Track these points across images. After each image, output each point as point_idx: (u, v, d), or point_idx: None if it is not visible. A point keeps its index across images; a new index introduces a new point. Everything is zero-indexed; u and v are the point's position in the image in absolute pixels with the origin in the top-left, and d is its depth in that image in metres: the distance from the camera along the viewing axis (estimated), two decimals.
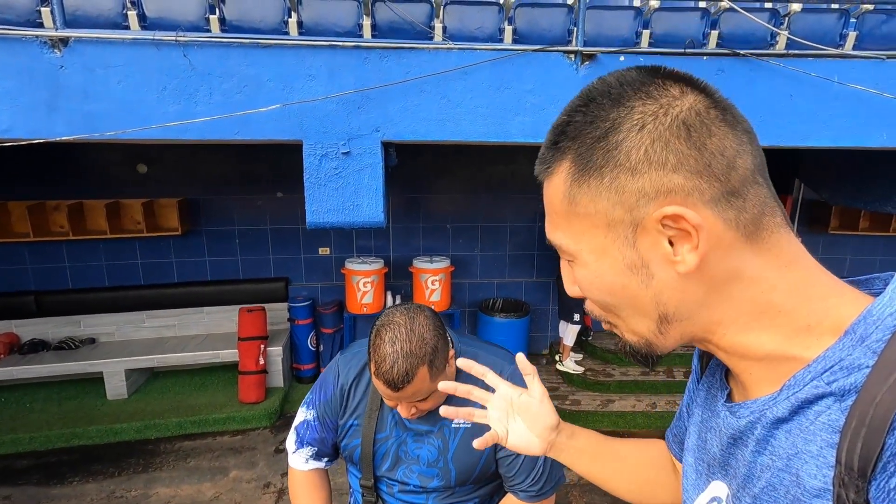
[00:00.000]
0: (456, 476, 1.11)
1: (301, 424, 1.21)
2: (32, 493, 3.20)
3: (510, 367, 1.14)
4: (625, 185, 0.44)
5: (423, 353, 0.96)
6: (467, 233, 4.79)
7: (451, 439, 1.11)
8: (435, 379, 0.98)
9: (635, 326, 0.49)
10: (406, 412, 1.04)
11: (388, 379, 0.95)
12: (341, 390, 1.17)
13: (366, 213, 2.21)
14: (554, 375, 4.57)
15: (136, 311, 4.41)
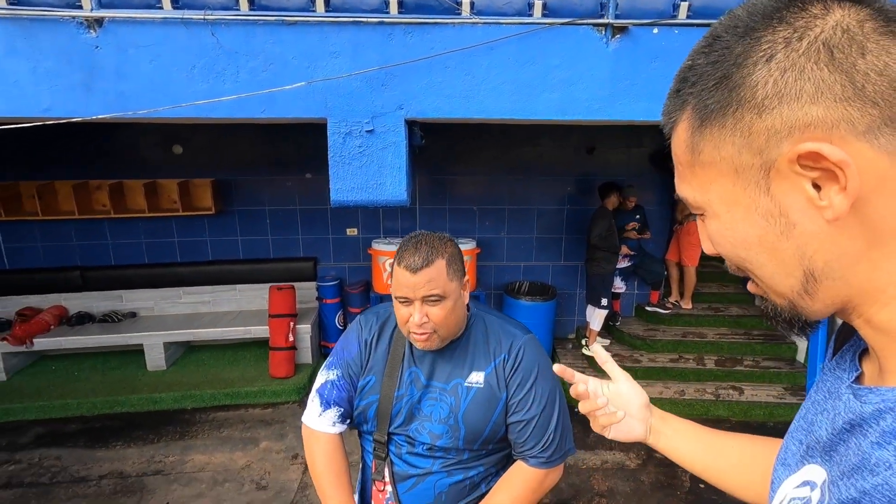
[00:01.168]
0: (465, 435, 1.12)
1: (324, 386, 1.22)
2: (80, 455, 3.41)
3: (523, 338, 1.17)
4: (751, 126, 0.39)
5: (443, 249, 1.07)
6: (494, 215, 4.75)
7: (464, 398, 1.13)
8: (451, 279, 1.07)
9: (776, 285, 0.44)
10: (418, 315, 1.06)
11: (409, 262, 1.04)
12: (365, 345, 1.21)
13: (389, 192, 2.21)
14: (579, 360, 4.53)
15: (173, 287, 4.59)
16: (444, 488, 1.16)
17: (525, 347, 1.15)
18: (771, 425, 3.79)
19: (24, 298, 4.40)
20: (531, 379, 1.13)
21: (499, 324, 1.20)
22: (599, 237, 4.10)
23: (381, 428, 1.17)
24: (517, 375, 1.13)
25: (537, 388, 1.13)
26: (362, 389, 1.19)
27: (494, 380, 1.13)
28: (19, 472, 3.25)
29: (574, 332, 5.03)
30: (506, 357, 1.14)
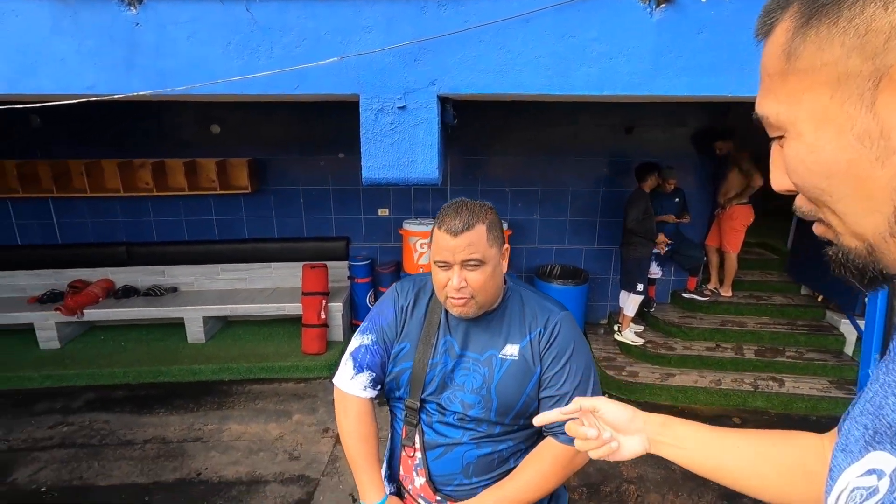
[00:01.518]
0: (497, 407, 1.12)
1: (357, 350, 1.23)
2: (126, 420, 3.61)
3: (560, 314, 1.16)
4: (871, 21, 0.33)
5: (483, 215, 1.08)
6: (526, 197, 4.67)
7: (497, 369, 1.13)
8: (491, 245, 1.08)
9: (857, 223, 0.38)
10: (457, 280, 1.06)
11: (449, 225, 1.05)
12: (401, 311, 1.22)
13: (420, 170, 2.19)
14: (611, 345, 4.45)
15: (212, 264, 4.75)
16: (472, 459, 1.15)
17: (562, 323, 1.14)
18: (813, 419, 3.64)
19: (75, 271, 4.63)
20: (566, 355, 1.12)
21: (535, 299, 1.20)
22: (636, 221, 3.97)
23: (414, 394, 1.17)
24: (552, 350, 1.12)
25: (572, 364, 1.12)
26: (396, 356, 1.20)
27: (529, 353, 1.13)
28: (72, 433, 3.46)
29: (606, 317, 4.93)
30: (541, 331, 1.13)
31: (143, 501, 2.84)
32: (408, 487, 1.23)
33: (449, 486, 1.17)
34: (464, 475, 1.16)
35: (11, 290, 4.63)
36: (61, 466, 3.13)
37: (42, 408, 3.75)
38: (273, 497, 2.87)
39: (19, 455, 3.24)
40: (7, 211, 4.50)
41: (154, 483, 2.99)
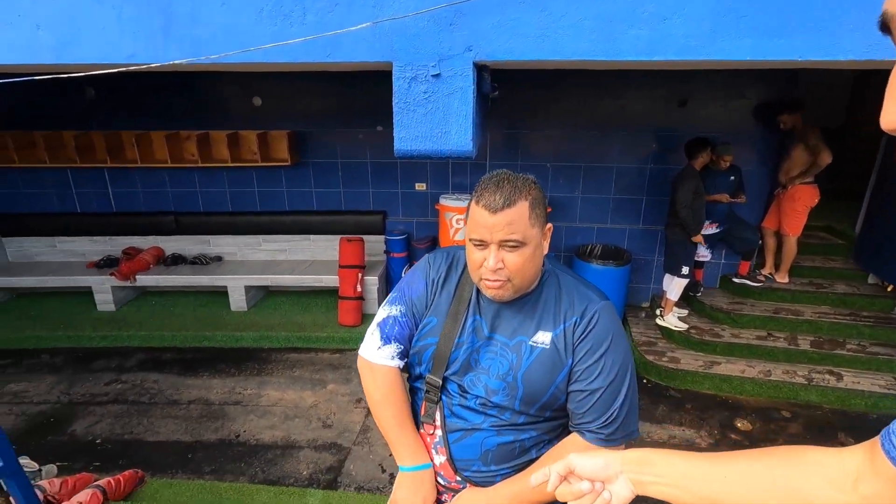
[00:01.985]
0: (522, 396, 1.05)
1: (385, 321, 1.18)
2: (174, 380, 3.80)
3: (599, 303, 1.06)
4: None
5: (526, 191, 0.99)
6: (568, 173, 4.49)
7: (526, 356, 1.05)
8: (533, 225, 0.99)
9: None
10: (493, 260, 0.99)
11: (489, 201, 0.97)
12: (432, 284, 1.17)
13: (455, 141, 2.11)
14: (652, 330, 4.28)
15: (254, 235, 4.87)
16: (491, 447, 1.10)
17: (600, 314, 1.05)
18: (873, 417, 3.38)
19: (128, 239, 4.87)
20: (602, 348, 1.03)
21: (574, 284, 1.10)
22: (684, 200, 3.74)
23: (437, 371, 1.12)
24: (587, 342, 1.04)
25: (607, 358, 1.03)
26: (422, 329, 1.15)
27: (562, 343, 1.05)
28: (125, 391, 3.68)
29: (649, 300, 4.74)
30: (577, 321, 1.04)
31: (186, 458, 3.00)
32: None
33: (467, 471, 1.13)
34: (482, 462, 1.11)
35: (72, 255, 4.93)
36: (115, 421, 3.35)
37: (99, 366, 4.00)
38: (306, 462, 2.96)
39: (78, 408, 3.49)
40: (67, 180, 4.75)
41: (196, 442, 3.14)
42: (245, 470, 2.90)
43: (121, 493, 2.47)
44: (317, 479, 2.83)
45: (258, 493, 2.59)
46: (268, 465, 2.93)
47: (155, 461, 2.96)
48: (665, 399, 3.57)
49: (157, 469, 2.89)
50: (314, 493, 2.59)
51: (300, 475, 2.86)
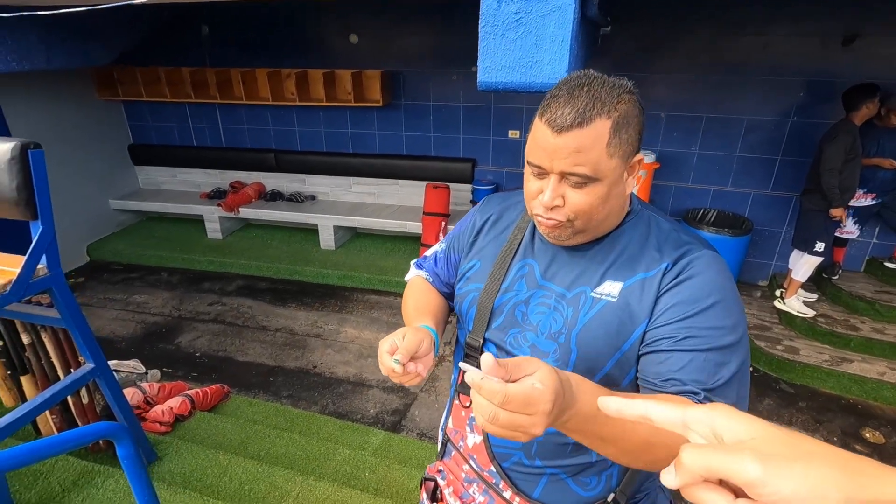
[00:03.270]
0: (576, 361, 0.80)
1: (431, 254, 1.09)
2: (265, 308, 4.06)
3: (700, 251, 0.79)
4: None
5: (612, 104, 0.72)
6: (685, 124, 3.90)
7: (585, 310, 0.81)
8: (612, 155, 0.73)
9: None
10: (551, 194, 0.75)
11: (554, 114, 0.71)
12: (480, 222, 0.99)
13: (547, 72, 1.82)
14: (767, 312, 3.71)
15: (346, 177, 4.94)
16: (538, 437, 0.83)
17: (702, 263, 0.77)
18: None
19: (234, 173, 5.20)
20: (701, 304, 0.74)
21: (670, 229, 0.84)
22: (832, 161, 3.06)
23: (478, 329, 0.91)
24: (678, 292, 0.76)
25: (707, 317, 0.74)
26: (464, 274, 0.96)
27: (637, 295, 0.78)
28: (224, 312, 4.01)
29: (768, 278, 4.10)
30: (668, 267, 0.77)
31: (267, 381, 3.20)
32: (458, 444, 1.01)
33: (505, 462, 0.92)
34: (525, 454, 0.89)
35: (189, 186, 5.39)
36: (212, 338, 3.66)
37: (205, 287, 4.40)
38: (374, 401, 3.02)
39: (184, 323, 3.87)
40: (185, 115, 5.12)
41: (278, 367, 3.34)
42: (317, 399, 3.03)
43: (207, 404, 2.68)
44: (382, 419, 2.87)
45: (326, 424, 2.69)
46: (338, 399, 3.03)
47: (240, 379, 3.20)
48: (774, 392, 3.10)
49: (241, 387, 3.12)
50: (377, 432, 2.62)
51: (367, 413, 2.92)
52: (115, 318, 3.93)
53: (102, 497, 1.79)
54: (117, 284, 4.46)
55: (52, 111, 4.43)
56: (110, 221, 5.17)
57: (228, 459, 2.13)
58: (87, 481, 1.85)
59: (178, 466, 2.09)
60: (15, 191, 1.49)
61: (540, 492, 0.90)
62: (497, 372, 0.54)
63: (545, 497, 0.90)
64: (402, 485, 2.16)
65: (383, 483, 2.17)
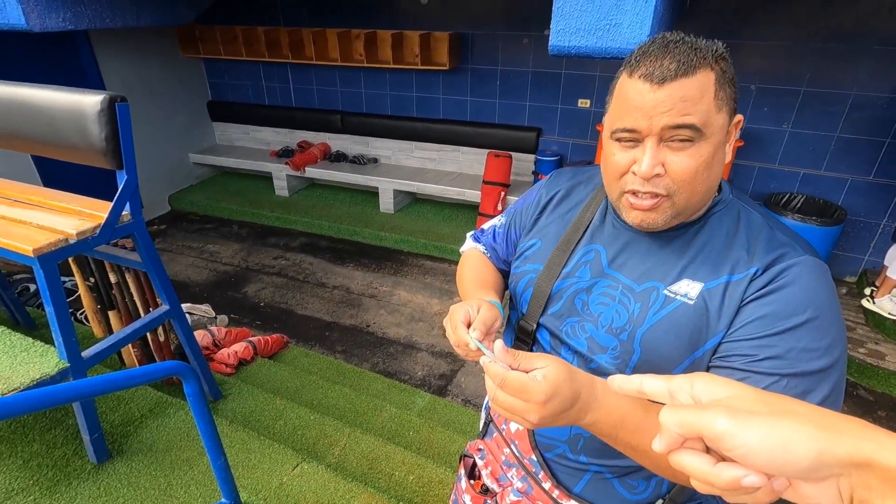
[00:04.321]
0: (638, 362, 0.74)
1: (489, 227, 1.04)
2: (325, 266, 4.22)
3: (799, 258, 0.68)
4: None
5: (713, 59, 0.65)
6: (779, 98, 3.54)
7: (655, 309, 0.73)
8: (719, 108, 0.66)
9: None
10: (650, 161, 0.67)
11: (651, 66, 0.65)
12: (545, 199, 0.92)
13: (626, 36, 1.69)
14: (853, 311, 3.39)
15: (408, 141, 4.94)
16: (585, 433, 0.80)
17: (800, 270, 0.67)
18: None
19: (302, 133, 5.34)
20: (793, 319, 0.65)
21: (763, 224, 0.73)
22: None
23: (532, 312, 0.86)
24: (766, 303, 0.66)
25: (800, 336, 0.64)
26: (523, 252, 0.90)
27: (718, 301, 0.69)
28: (286, 267, 4.21)
29: (857, 275, 3.73)
30: (757, 272, 0.68)
31: (323, 335, 3.35)
32: (501, 426, 0.99)
33: (548, 453, 0.88)
34: (570, 448, 0.84)
35: (259, 143, 5.61)
36: (275, 291, 3.87)
37: (271, 241, 4.62)
38: (422, 364, 3.09)
39: (251, 274, 4.10)
40: (259, 74, 5.29)
41: (334, 323, 3.48)
42: (368, 357, 3.14)
43: (268, 351, 2.86)
44: (428, 382, 2.94)
45: (375, 382, 2.79)
46: (388, 358, 3.13)
47: (299, 331, 3.37)
48: (850, 398, 2.87)
49: (299, 338, 3.29)
50: (423, 394, 2.69)
51: (415, 375, 3.00)
52: (191, 265, 4.23)
53: (173, 425, 1.98)
54: (194, 233, 4.78)
55: (140, 68, 4.71)
56: (189, 174, 5.51)
57: (284, 405, 2.27)
58: (161, 410, 2.04)
59: (240, 406, 2.26)
60: (103, 141, 1.60)
61: (582, 488, 0.87)
62: (505, 358, 0.59)
63: (587, 494, 0.86)
64: (443, 447, 2.21)
65: (426, 443, 2.24)
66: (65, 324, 1.57)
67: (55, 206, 1.78)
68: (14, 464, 1.77)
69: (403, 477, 1.96)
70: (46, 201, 1.81)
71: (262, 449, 1.91)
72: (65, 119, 1.63)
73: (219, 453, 1.39)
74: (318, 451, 2.05)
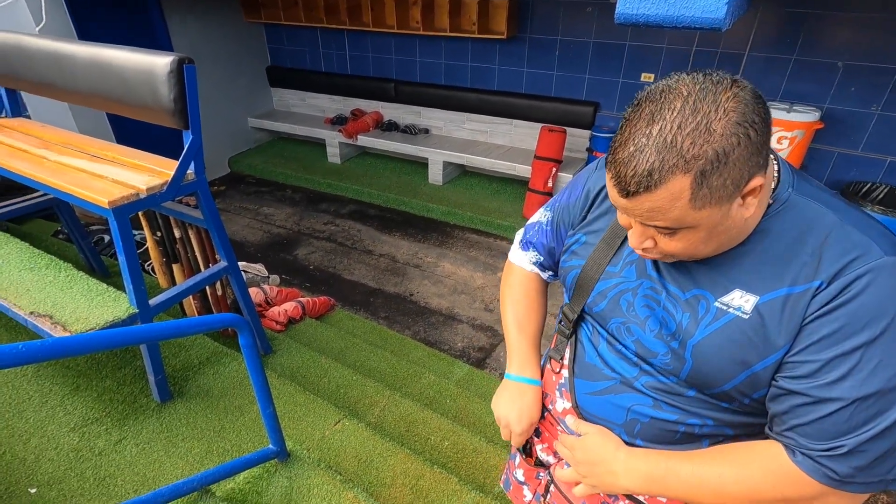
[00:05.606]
0: (689, 374, 0.71)
1: (533, 224, 1.01)
2: (372, 233, 4.30)
3: (876, 260, 0.59)
4: None
5: (692, 155, 0.55)
6: (869, 77, 3.22)
7: (707, 322, 0.69)
8: (701, 206, 0.58)
9: None
10: (636, 239, 0.68)
11: (619, 173, 0.60)
12: (589, 193, 0.87)
13: (701, 4, 1.57)
14: None
15: (460, 112, 4.88)
16: (643, 418, 0.79)
17: (874, 275, 0.59)
18: None
19: (356, 100, 5.38)
20: (866, 334, 0.59)
21: (834, 222, 0.63)
22: None
23: (577, 299, 0.86)
24: (834, 320, 0.60)
25: (875, 351, 0.59)
26: (570, 247, 0.89)
27: (777, 316, 0.64)
28: (336, 233, 4.32)
29: None
30: (821, 286, 0.61)
31: (368, 301, 3.45)
32: (548, 406, 0.99)
33: None
34: (626, 431, 0.82)
35: (315, 110, 5.71)
36: (325, 255, 3.99)
37: (322, 207, 4.75)
38: (462, 335, 3.13)
39: (302, 238, 4.25)
40: (316, 40, 5.34)
41: (379, 289, 3.56)
42: (410, 325, 3.21)
43: (315, 312, 2.97)
44: (467, 354, 2.98)
45: (415, 349, 2.86)
46: (429, 328, 3.19)
47: (345, 295, 3.48)
48: None
49: (345, 302, 3.40)
50: (461, 365, 2.73)
51: (454, 346, 3.05)
52: (247, 226, 4.43)
53: (227, 374, 2.11)
54: (250, 195, 4.98)
55: (206, 31, 4.86)
56: (248, 138, 5.71)
57: (329, 364, 2.37)
58: (217, 360, 2.18)
59: (288, 361, 2.38)
60: (172, 101, 1.67)
61: None
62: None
63: None
64: (479, 417, 2.25)
65: (462, 412, 2.28)
66: (135, 273, 1.69)
67: (128, 163, 1.89)
68: (90, 396, 1.95)
69: (439, 442, 2.02)
70: (121, 157, 1.93)
71: (307, 403, 2.02)
72: (137, 79, 1.72)
73: (268, 402, 1.48)
74: (359, 410, 2.14)
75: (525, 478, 1.09)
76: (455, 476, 1.77)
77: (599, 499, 0.92)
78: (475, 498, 1.69)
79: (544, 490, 1.02)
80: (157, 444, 1.79)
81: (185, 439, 1.82)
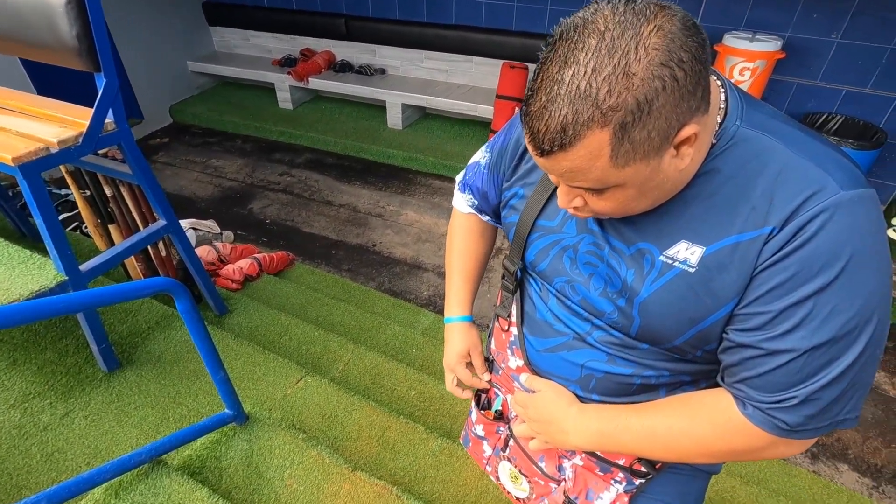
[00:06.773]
0: (639, 331, 0.67)
1: (472, 165, 0.93)
2: (330, 183, 4.12)
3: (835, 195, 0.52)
4: None
5: (608, 106, 0.47)
6: (833, 4, 3.15)
7: (652, 278, 0.63)
8: (624, 162, 0.51)
9: None
10: (564, 198, 0.62)
11: (532, 129, 0.52)
12: (517, 142, 0.79)
13: None
14: None
15: (418, 50, 4.60)
16: (597, 374, 0.75)
17: (829, 214, 0.52)
18: None
19: (304, 39, 4.99)
20: (820, 280, 0.54)
21: (793, 157, 0.55)
22: None
23: (514, 253, 0.81)
24: (785, 268, 0.55)
25: (829, 298, 0.54)
26: (508, 201, 0.82)
27: (725, 266, 0.58)
28: (292, 184, 4.12)
29: (888, 203, 3.55)
30: (773, 232, 0.55)
31: (329, 253, 3.34)
32: (501, 365, 0.96)
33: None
34: (580, 387, 0.79)
35: (260, 51, 5.28)
36: (281, 208, 3.81)
37: (276, 157, 4.50)
38: (427, 284, 3.09)
39: (256, 190, 4.03)
40: None
41: (340, 241, 3.45)
42: (374, 276, 3.14)
43: (273, 268, 2.86)
44: (434, 302, 2.95)
45: (380, 300, 2.80)
46: (394, 278, 3.13)
47: (305, 249, 3.36)
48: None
49: (305, 256, 3.28)
50: (427, 314, 2.71)
51: (420, 295, 3.01)
52: (196, 180, 4.16)
53: (178, 338, 2.01)
54: (197, 147, 4.66)
55: None
56: (190, 84, 5.26)
57: (289, 321, 2.30)
58: (167, 324, 2.07)
59: (246, 321, 2.29)
60: (75, 38, 1.45)
61: None
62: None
63: None
64: None
65: (429, 361, 2.27)
66: (57, 237, 1.53)
67: (38, 113, 1.68)
68: (29, 370, 1.83)
69: (405, 392, 2.01)
70: (28, 107, 1.70)
71: (267, 362, 1.95)
72: (32, 13, 1.48)
73: (218, 367, 1.40)
74: (322, 366, 2.10)
75: (485, 432, 1.07)
76: (422, 425, 1.77)
77: (557, 452, 0.90)
78: (442, 444, 1.70)
79: (503, 445, 1.00)
80: (108, 415, 1.71)
81: (137, 408, 1.75)
